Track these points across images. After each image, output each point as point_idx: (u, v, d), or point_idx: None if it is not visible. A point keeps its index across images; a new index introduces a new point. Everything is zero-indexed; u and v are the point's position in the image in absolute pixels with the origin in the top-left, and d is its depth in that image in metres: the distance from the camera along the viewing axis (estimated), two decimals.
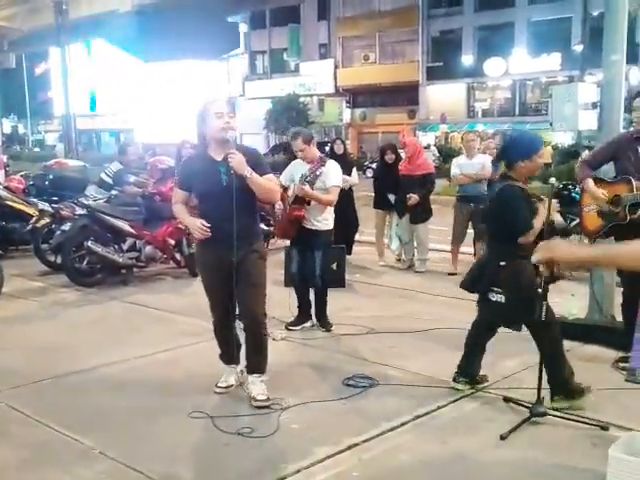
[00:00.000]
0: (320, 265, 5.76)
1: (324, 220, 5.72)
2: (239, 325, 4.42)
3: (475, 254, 7.90)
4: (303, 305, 5.87)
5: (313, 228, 5.67)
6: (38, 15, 30.42)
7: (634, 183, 4.59)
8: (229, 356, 4.38)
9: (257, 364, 4.22)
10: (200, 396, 4.25)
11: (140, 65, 40.69)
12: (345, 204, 7.99)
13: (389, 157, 8.66)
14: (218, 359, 4.45)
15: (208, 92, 34.41)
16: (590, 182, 4.86)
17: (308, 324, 5.84)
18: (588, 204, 5.00)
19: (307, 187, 5.48)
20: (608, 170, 5.06)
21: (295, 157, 5.88)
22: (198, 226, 4.05)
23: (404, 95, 36.92)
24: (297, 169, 5.74)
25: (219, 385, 4.37)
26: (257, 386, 4.17)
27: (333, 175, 5.65)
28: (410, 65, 36.94)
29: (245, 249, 4.07)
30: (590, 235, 5.09)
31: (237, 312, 4.34)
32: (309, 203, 5.58)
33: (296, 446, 3.59)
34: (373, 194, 8.92)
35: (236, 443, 3.63)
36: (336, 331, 5.72)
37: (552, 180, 3.99)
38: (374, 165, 16.16)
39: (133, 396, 4.29)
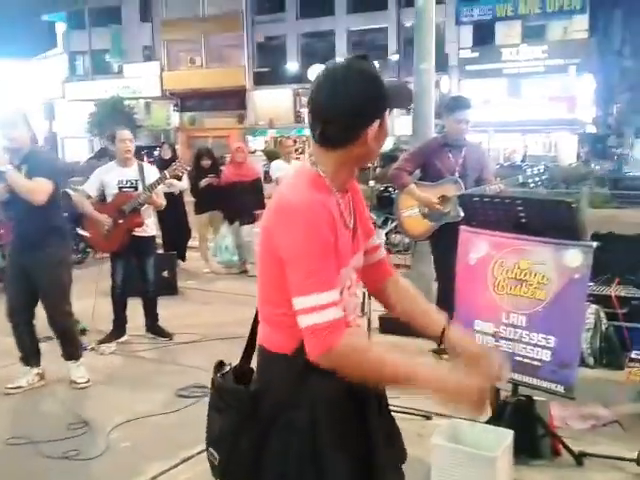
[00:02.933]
0: (152, 272, 5.64)
1: (151, 225, 5.63)
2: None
3: None
4: (120, 320, 5.58)
5: (144, 235, 5.48)
6: None
7: (461, 183, 4.83)
8: (25, 356, 4.48)
9: (70, 352, 4.55)
10: (18, 420, 3.97)
11: None
12: (175, 209, 7.81)
13: (205, 162, 8.34)
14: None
15: (20, 94, 32.25)
16: (414, 187, 4.98)
17: (123, 339, 5.56)
18: (407, 207, 5.14)
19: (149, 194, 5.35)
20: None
21: None
22: None
23: (232, 100, 36.83)
24: (112, 174, 5.41)
25: (8, 386, 4.38)
26: (76, 370, 4.54)
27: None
28: (237, 70, 36.95)
29: (36, 253, 4.22)
30: (417, 238, 5.35)
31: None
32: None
33: (126, 465, 3.44)
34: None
35: (61, 467, 3.42)
36: (169, 341, 5.59)
37: (371, 183, 4.17)
38: None
39: None
